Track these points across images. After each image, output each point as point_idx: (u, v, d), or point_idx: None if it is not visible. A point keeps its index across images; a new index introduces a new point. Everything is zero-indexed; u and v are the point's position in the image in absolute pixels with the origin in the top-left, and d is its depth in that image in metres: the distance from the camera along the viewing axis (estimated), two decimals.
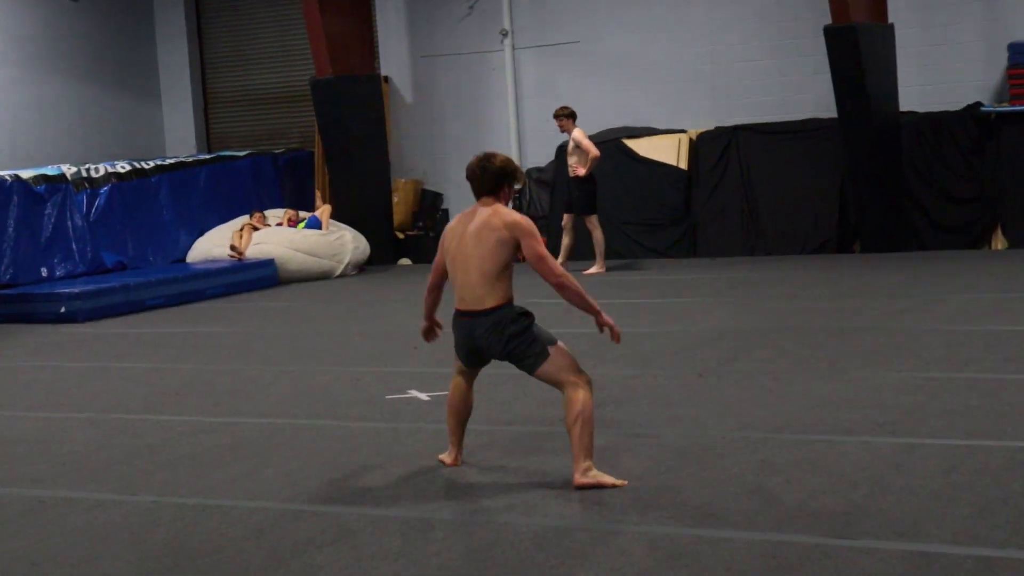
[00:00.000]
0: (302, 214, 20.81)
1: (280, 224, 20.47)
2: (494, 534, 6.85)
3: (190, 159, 21.50)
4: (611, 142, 19.96)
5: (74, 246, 19.07)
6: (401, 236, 21.98)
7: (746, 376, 10.48)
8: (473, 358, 7.88)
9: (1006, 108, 17.72)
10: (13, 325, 16.72)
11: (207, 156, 22.06)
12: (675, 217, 19.60)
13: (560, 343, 7.66)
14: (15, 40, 21.98)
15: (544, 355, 7.54)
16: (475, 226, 7.53)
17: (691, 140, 19.61)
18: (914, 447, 7.96)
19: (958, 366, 10.24)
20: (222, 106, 24.69)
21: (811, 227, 18.82)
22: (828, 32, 17.80)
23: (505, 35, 21.47)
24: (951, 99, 18.29)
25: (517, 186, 7.66)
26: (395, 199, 21.91)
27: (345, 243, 20.34)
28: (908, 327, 12.13)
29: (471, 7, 21.66)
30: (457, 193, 21.38)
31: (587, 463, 7.44)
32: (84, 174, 19.35)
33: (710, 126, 19.78)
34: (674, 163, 19.55)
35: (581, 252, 18.43)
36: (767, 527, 6.69)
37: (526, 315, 7.63)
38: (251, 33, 24.27)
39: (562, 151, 20.28)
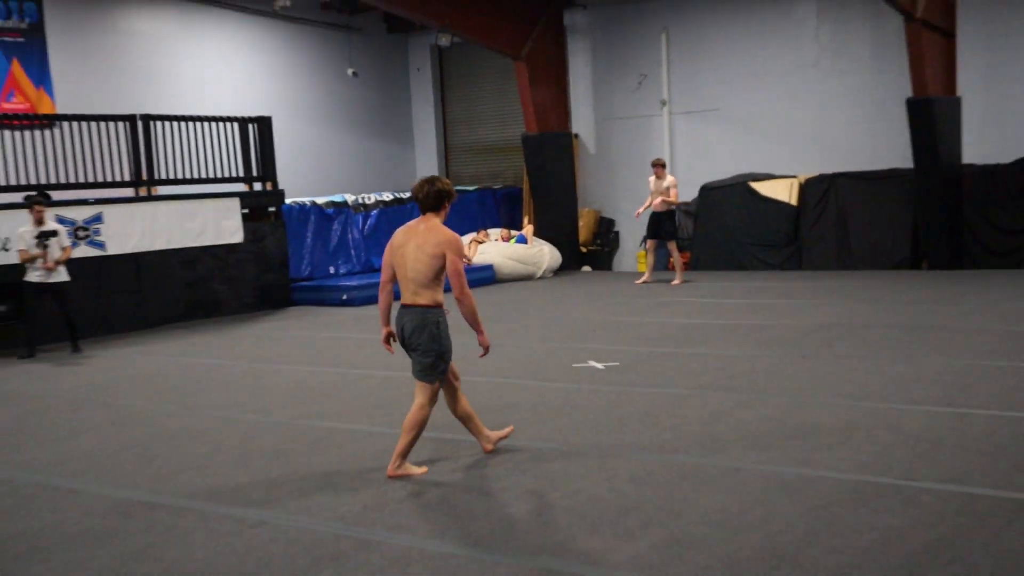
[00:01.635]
0: (513, 232, 20.97)
1: (497, 240, 20.66)
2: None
3: None
4: (740, 184, 19.88)
5: (352, 252, 19.52)
6: (584, 250, 22.00)
7: (839, 358, 10.44)
8: (403, 344, 7.24)
9: None
10: (310, 307, 17.33)
11: None
12: (786, 240, 19.40)
13: (450, 374, 7.31)
14: (310, 103, 22.52)
15: (428, 375, 7.13)
16: (417, 239, 6.99)
17: (800, 183, 19.36)
18: (964, 416, 7.91)
19: (1003, 356, 10.08)
20: (457, 153, 24.95)
21: (889, 249, 18.48)
22: (910, 104, 17.47)
23: (664, 104, 21.37)
24: (1004, 154, 17.83)
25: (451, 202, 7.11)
26: (580, 223, 21.96)
27: (543, 254, 20.48)
28: (964, 326, 11.97)
29: (639, 83, 21.65)
30: (625, 220, 21.44)
31: (399, 461, 7.05)
32: (360, 201, 19.75)
33: (815, 173, 19.50)
34: (787, 200, 19.34)
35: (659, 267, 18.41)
36: (848, 470, 6.71)
37: (444, 327, 7.17)
38: (478, 100, 24.48)
39: (705, 191, 20.25)
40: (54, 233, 13.30)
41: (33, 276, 13.20)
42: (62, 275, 13.35)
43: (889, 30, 18.76)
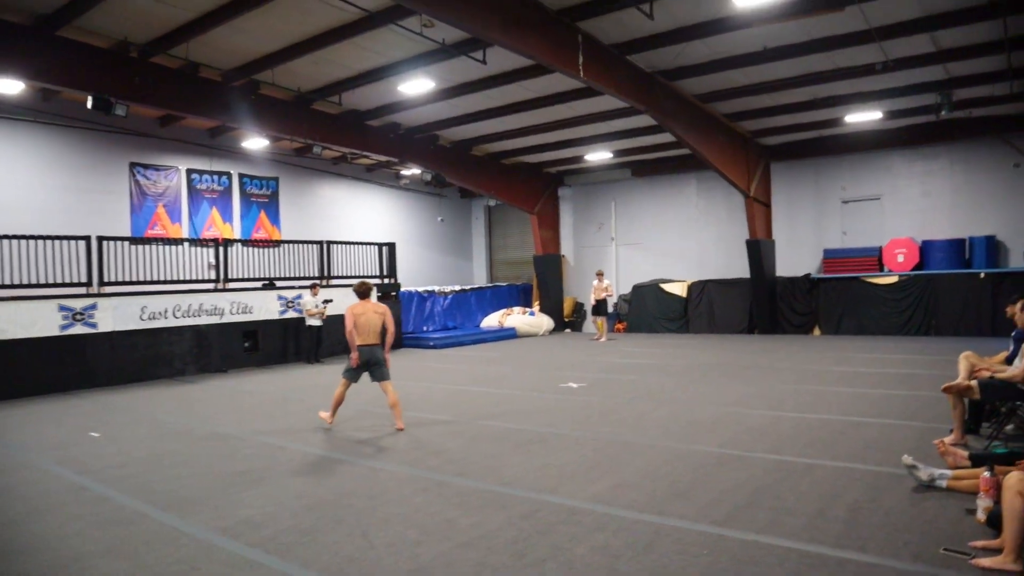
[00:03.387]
0: (527, 309, 20.88)
1: (520, 313, 20.55)
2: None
3: (483, 286, 21.72)
4: (654, 285, 19.89)
5: (436, 319, 19.40)
6: (566, 320, 21.88)
7: (711, 382, 10.27)
8: (366, 367, 7.48)
9: (820, 275, 17.30)
10: (414, 349, 17.04)
11: (490, 285, 22.32)
12: (680, 316, 19.40)
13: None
14: (416, 236, 22.52)
15: (386, 376, 7.53)
16: (370, 308, 7.47)
17: (688, 285, 19.41)
18: (780, 416, 7.76)
19: (799, 383, 9.98)
20: (497, 264, 24.94)
21: (737, 321, 18.48)
22: (748, 243, 17.61)
23: (612, 239, 21.54)
24: (799, 269, 17.93)
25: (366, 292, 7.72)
26: (565, 305, 21.98)
27: (543, 322, 20.35)
28: (778, 366, 11.83)
29: (598, 228, 21.80)
30: (587, 302, 21.35)
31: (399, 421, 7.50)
32: (440, 289, 19.73)
33: (696, 279, 19.62)
34: (680, 294, 19.41)
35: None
36: (715, 447, 6.54)
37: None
38: (510, 235, 24.55)
39: (636, 288, 20.31)
40: (328, 300, 14.68)
41: (312, 322, 14.22)
42: (318, 321, 14.33)
43: (735, 202, 19.03)
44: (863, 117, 15.39)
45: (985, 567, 3.86)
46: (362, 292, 7.65)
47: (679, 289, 19.49)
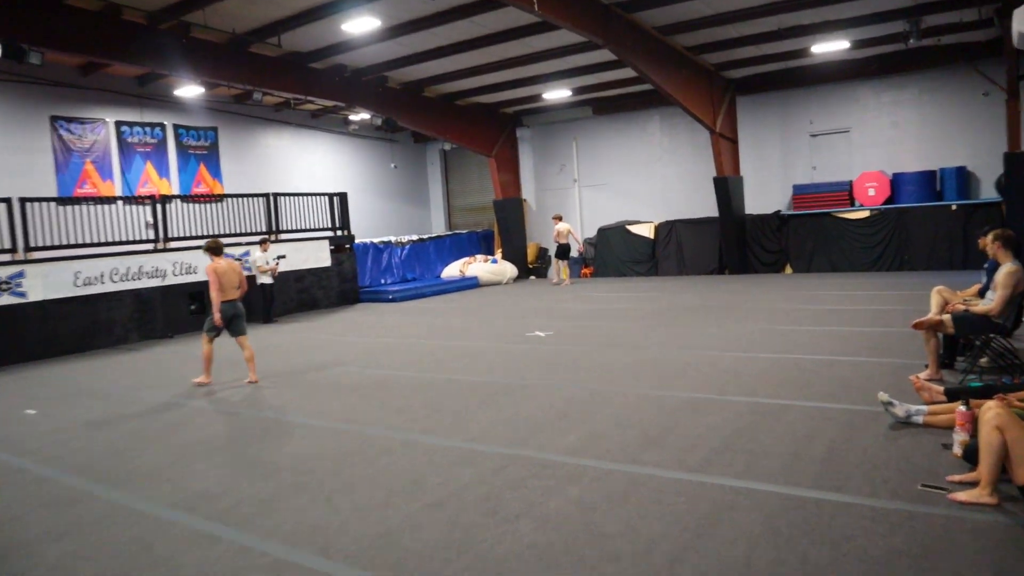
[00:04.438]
0: (489, 257, 20.87)
1: (481, 261, 20.54)
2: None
3: (442, 234, 21.65)
4: (620, 226, 19.99)
5: (394, 270, 19.29)
6: (530, 266, 21.97)
7: (681, 326, 10.36)
8: (229, 322, 7.97)
9: (789, 212, 17.47)
10: (370, 304, 16.93)
11: (449, 232, 22.19)
12: (648, 258, 19.55)
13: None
14: (369, 184, 22.31)
15: (244, 330, 8.14)
16: (228, 265, 7.95)
17: (656, 226, 19.53)
18: (752, 358, 7.86)
19: (770, 323, 10.13)
20: (455, 211, 24.87)
21: (706, 262, 18.67)
22: (715, 180, 17.67)
23: (575, 181, 21.49)
24: (768, 206, 18.09)
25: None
26: (528, 251, 22.03)
27: (506, 269, 20.39)
28: (749, 307, 11.97)
29: (560, 169, 21.74)
30: (551, 248, 21.32)
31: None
32: (399, 240, 19.61)
33: (664, 219, 19.71)
34: (648, 235, 19.52)
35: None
36: (686, 391, 6.57)
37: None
38: (467, 180, 24.43)
39: (601, 231, 20.39)
40: (281, 256, 14.64)
41: (264, 280, 14.17)
42: (270, 279, 14.35)
43: (701, 138, 19.03)
44: (830, 47, 15.34)
45: (962, 501, 3.98)
46: (215, 249, 8.01)
47: (646, 231, 19.59)
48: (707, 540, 3.74)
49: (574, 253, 20.28)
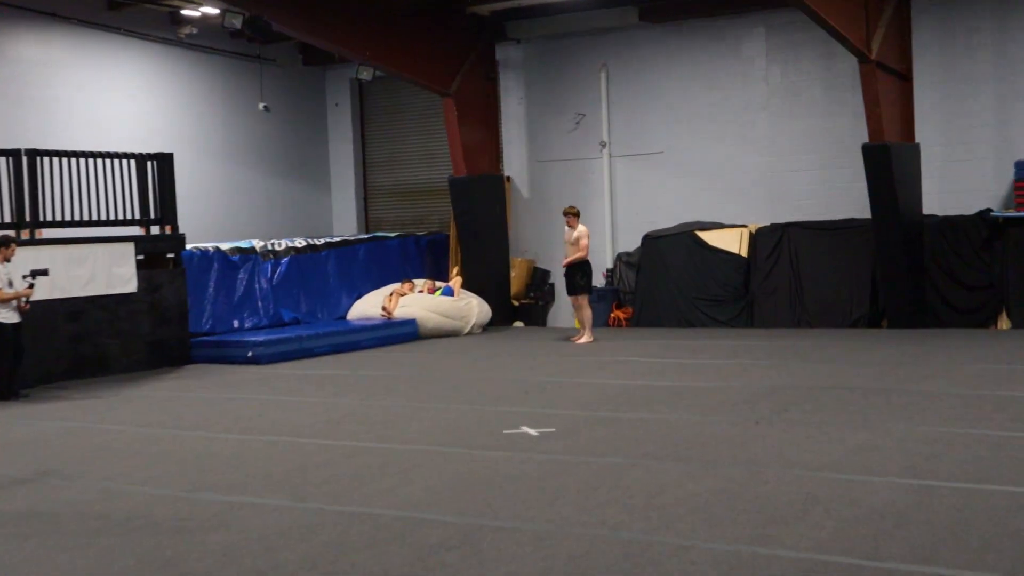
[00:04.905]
0: (439, 284, 20.84)
1: (421, 291, 20.51)
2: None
3: (352, 238, 21.62)
4: (685, 233, 20.02)
5: (260, 304, 19.19)
6: (516, 303, 21.92)
7: (794, 424, 10.41)
8: None
9: (1012, 214, 17.46)
10: (211, 365, 16.97)
11: (365, 236, 22.16)
12: (736, 295, 19.51)
13: None
14: (217, 140, 22.34)
15: None
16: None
17: (751, 233, 19.53)
18: (931, 488, 7.88)
19: (970, 423, 10.13)
20: (378, 196, 24.85)
21: (847, 306, 18.65)
22: (866, 149, 17.64)
23: (603, 146, 21.48)
24: (966, 205, 18.08)
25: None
26: (512, 274, 21.89)
27: (472, 308, 20.36)
28: (927, 390, 12.01)
29: (577, 123, 21.75)
30: (555, 270, 21.04)
31: None
32: (269, 247, 19.56)
33: (766, 222, 19.67)
34: (736, 251, 19.48)
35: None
36: (806, 548, 6.66)
37: None
38: (402, 139, 24.44)
39: (649, 240, 20.31)
40: (40, 272, 14.24)
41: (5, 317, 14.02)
42: (14, 315, 14.18)
43: (842, 71, 19.03)
44: None
45: None
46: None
47: (732, 241, 19.53)
48: None
49: (596, 279, 20.13)
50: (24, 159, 15.70)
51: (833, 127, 19.45)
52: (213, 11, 18.77)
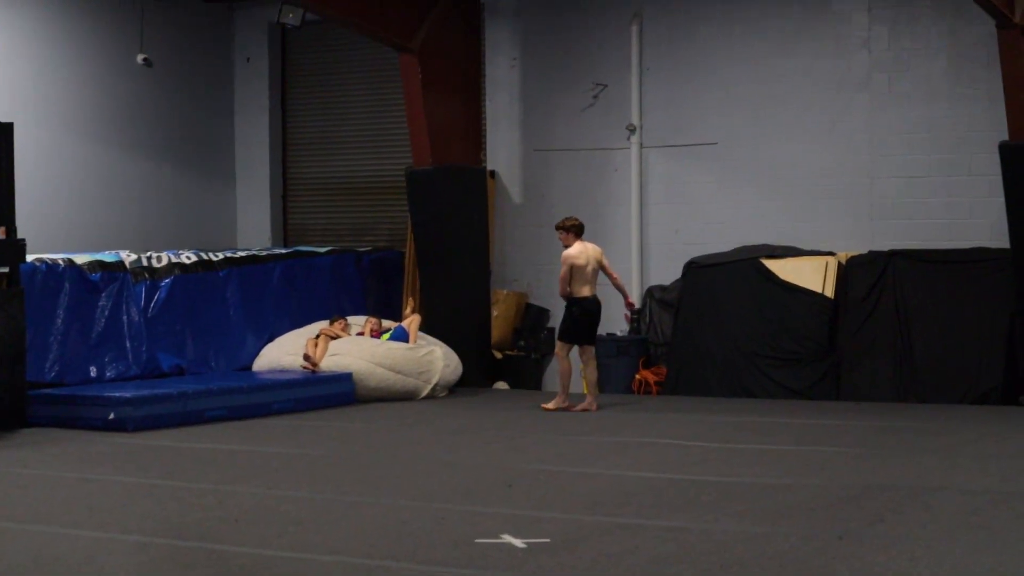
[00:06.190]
0: (387, 323, 20.92)
1: (361, 334, 20.58)
2: None
3: (264, 253, 21.71)
4: (748, 261, 20.19)
5: (128, 344, 19.21)
6: (499, 356, 22.05)
7: (893, 542, 10.25)
8: None
9: None
10: (57, 430, 16.82)
11: (283, 251, 22.29)
12: (817, 352, 19.61)
13: None
14: (74, 108, 22.43)
15: None
16: None
17: (840, 264, 19.67)
18: None
19: None
20: (303, 193, 25.02)
21: (974, 372, 18.75)
22: (1005, 149, 17.83)
23: (632, 131, 21.66)
24: None
25: None
26: (494, 312, 22.04)
27: (434, 360, 20.38)
28: None
29: (595, 96, 21.85)
30: (554, 309, 21.22)
31: None
32: (145, 263, 19.58)
33: (863, 250, 19.85)
34: (819, 290, 19.60)
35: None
36: None
37: None
38: (342, 113, 24.67)
39: (693, 269, 20.35)
40: None
41: None
42: None
43: (972, 40, 19.33)
44: None
45: None
46: None
47: (815, 276, 19.73)
48: None
49: (612, 324, 20.18)
50: None
51: (960, 117, 19.66)
52: None
